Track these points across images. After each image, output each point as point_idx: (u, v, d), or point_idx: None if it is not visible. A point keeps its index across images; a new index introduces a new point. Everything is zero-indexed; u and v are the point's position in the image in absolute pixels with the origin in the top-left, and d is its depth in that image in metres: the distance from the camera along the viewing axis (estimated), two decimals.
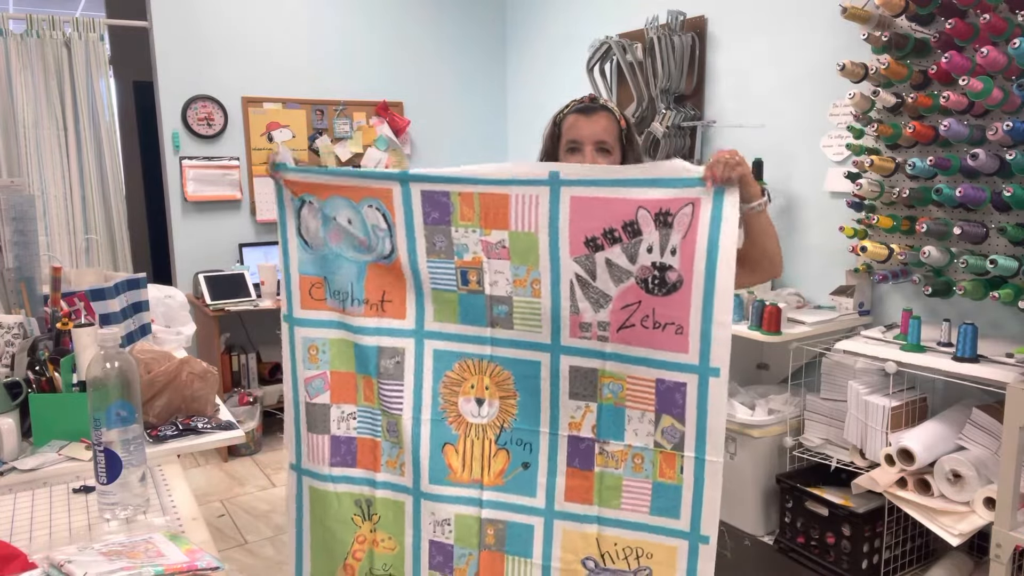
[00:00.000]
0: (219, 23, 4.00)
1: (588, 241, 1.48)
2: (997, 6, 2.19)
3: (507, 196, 1.51)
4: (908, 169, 2.41)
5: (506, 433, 1.59)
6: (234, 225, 4.16)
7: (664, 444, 1.46)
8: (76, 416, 1.57)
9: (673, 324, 1.43)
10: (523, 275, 1.53)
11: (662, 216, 1.42)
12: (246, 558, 2.86)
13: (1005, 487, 1.89)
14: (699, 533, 1.45)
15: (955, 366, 2.15)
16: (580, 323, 1.50)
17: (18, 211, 1.92)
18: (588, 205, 1.47)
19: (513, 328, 1.56)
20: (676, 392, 1.44)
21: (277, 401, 4.11)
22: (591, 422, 1.52)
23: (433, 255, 1.59)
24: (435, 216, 1.57)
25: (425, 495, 1.63)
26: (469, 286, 1.58)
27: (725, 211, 1.39)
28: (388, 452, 1.68)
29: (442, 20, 4.63)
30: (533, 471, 1.57)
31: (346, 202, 1.64)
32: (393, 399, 1.65)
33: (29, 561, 1.07)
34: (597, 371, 1.51)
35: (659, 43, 3.41)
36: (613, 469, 1.51)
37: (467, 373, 1.61)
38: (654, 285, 1.45)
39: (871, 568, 2.40)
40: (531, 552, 1.58)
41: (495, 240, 1.53)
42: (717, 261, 1.38)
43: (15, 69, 3.63)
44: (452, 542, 1.63)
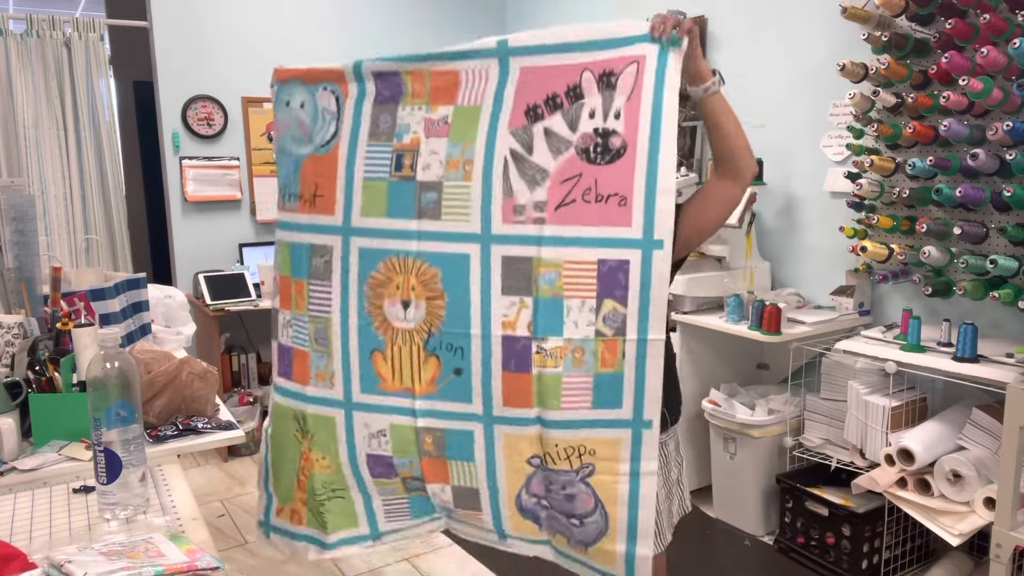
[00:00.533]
0: (219, 23, 4.00)
1: (528, 110, 1.42)
2: (997, 6, 2.19)
3: (458, 72, 1.47)
4: (908, 169, 2.41)
5: (434, 338, 1.49)
6: (234, 225, 4.16)
7: (605, 331, 1.38)
8: (76, 416, 1.57)
9: (616, 195, 1.36)
10: (457, 155, 1.46)
11: (606, 77, 1.37)
12: (246, 558, 2.86)
13: (1005, 487, 1.89)
14: (641, 419, 1.39)
15: (955, 366, 2.15)
16: (515, 206, 1.41)
17: (18, 211, 1.92)
18: (535, 74, 1.43)
19: (441, 218, 1.47)
20: (619, 272, 1.36)
21: None
22: (526, 319, 1.42)
23: (374, 138, 1.53)
24: (385, 95, 1.53)
25: (357, 405, 1.56)
26: (402, 171, 1.50)
27: (668, 71, 1.34)
28: (316, 363, 1.60)
29: (442, 21, 4.63)
30: (466, 377, 1.48)
31: (301, 85, 1.63)
32: (321, 301, 1.58)
33: (29, 561, 1.07)
34: (532, 259, 1.41)
35: None
36: (552, 368, 1.42)
37: (392, 273, 1.52)
38: (596, 153, 1.37)
39: (871, 568, 2.40)
40: (473, 457, 1.51)
41: (438, 117, 1.48)
42: (661, 123, 1.33)
43: (15, 69, 3.63)
44: (390, 453, 1.56)
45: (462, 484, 1.53)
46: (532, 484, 1.50)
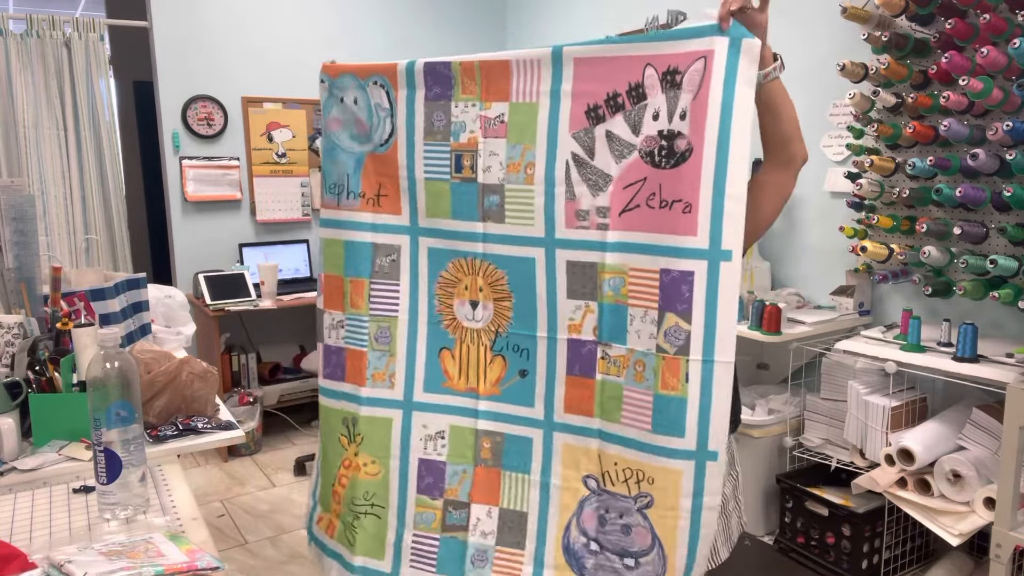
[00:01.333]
0: (219, 23, 4.00)
1: (589, 111, 1.36)
2: (997, 6, 2.19)
3: (508, 63, 1.43)
4: (908, 169, 2.41)
5: (501, 339, 1.48)
6: (234, 225, 4.16)
7: (667, 348, 1.29)
8: (76, 416, 1.57)
9: (681, 201, 1.26)
10: (518, 158, 1.43)
11: (670, 75, 1.28)
12: (246, 558, 2.86)
13: (1005, 487, 1.89)
14: (707, 450, 1.28)
15: (955, 366, 2.15)
16: (577, 211, 1.38)
17: (18, 211, 1.92)
18: (591, 66, 1.35)
19: (505, 221, 1.45)
20: (682, 283, 1.27)
21: (277, 401, 4.11)
22: (592, 324, 1.38)
23: (430, 136, 1.51)
24: (436, 91, 1.50)
25: (418, 405, 1.55)
26: (463, 173, 1.48)
27: (741, 64, 1.23)
28: (375, 363, 1.58)
29: (442, 21, 4.63)
30: (531, 379, 1.46)
31: (353, 79, 1.61)
32: (387, 301, 1.57)
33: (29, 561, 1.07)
34: (596, 265, 1.37)
35: None
36: (615, 377, 1.36)
37: (460, 273, 1.51)
38: (661, 157, 1.29)
39: (871, 568, 2.40)
40: (529, 467, 1.47)
41: (494, 115, 1.45)
42: (731, 124, 1.23)
43: (15, 69, 3.63)
44: (445, 459, 1.53)
45: (511, 507, 1.48)
46: (584, 514, 1.42)
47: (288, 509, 3.26)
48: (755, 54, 1.24)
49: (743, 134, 1.23)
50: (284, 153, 4.22)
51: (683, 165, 1.27)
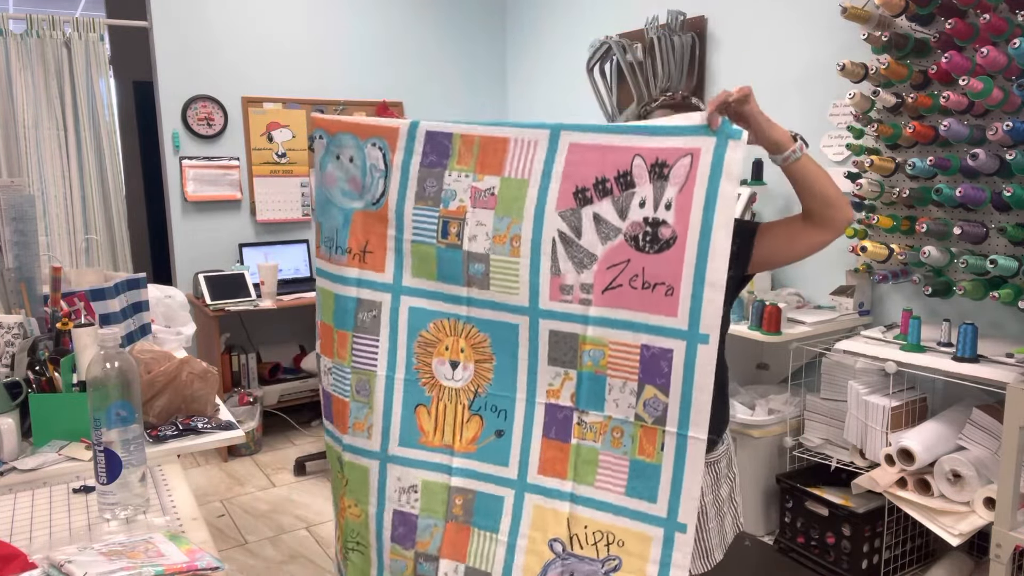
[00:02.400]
0: (219, 23, 4.00)
1: (577, 192, 1.41)
2: (997, 6, 2.19)
3: (507, 140, 1.47)
4: (908, 169, 2.41)
5: (480, 398, 1.52)
6: (234, 225, 4.16)
7: (645, 417, 1.37)
8: (76, 416, 1.57)
9: (663, 284, 1.34)
10: (504, 230, 1.46)
11: (658, 167, 1.34)
12: (246, 558, 2.86)
13: (1005, 487, 1.89)
14: (676, 520, 1.35)
15: (955, 366, 2.15)
16: (561, 285, 1.42)
17: (18, 211, 1.92)
18: (585, 152, 1.41)
19: (489, 288, 1.49)
20: (662, 359, 1.34)
21: (277, 401, 4.11)
22: (570, 390, 1.44)
23: (421, 201, 1.54)
24: (432, 159, 1.54)
25: (392, 458, 1.58)
26: (448, 239, 1.52)
27: (727, 161, 1.30)
28: (355, 414, 1.62)
29: (442, 20, 4.63)
30: (507, 439, 1.50)
31: (352, 139, 1.62)
32: (367, 355, 1.60)
33: (29, 561, 1.07)
34: (578, 336, 1.42)
35: (659, 43, 3.41)
36: (591, 441, 1.42)
37: (442, 334, 1.54)
38: (645, 242, 1.36)
39: (871, 568, 2.40)
40: (498, 527, 1.50)
41: (485, 187, 1.48)
42: (714, 217, 1.29)
43: (15, 69, 3.63)
44: (417, 512, 1.57)
45: (476, 566, 1.51)
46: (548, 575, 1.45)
47: (288, 509, 3.26)
48: (739, 153, 1.30)
49: (725, 228, 1.30)
50: (284, 153, 4.22)
51: (667, 251, 1.34)
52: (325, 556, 2.86)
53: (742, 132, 1.32)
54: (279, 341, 4.32)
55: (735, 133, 1.31)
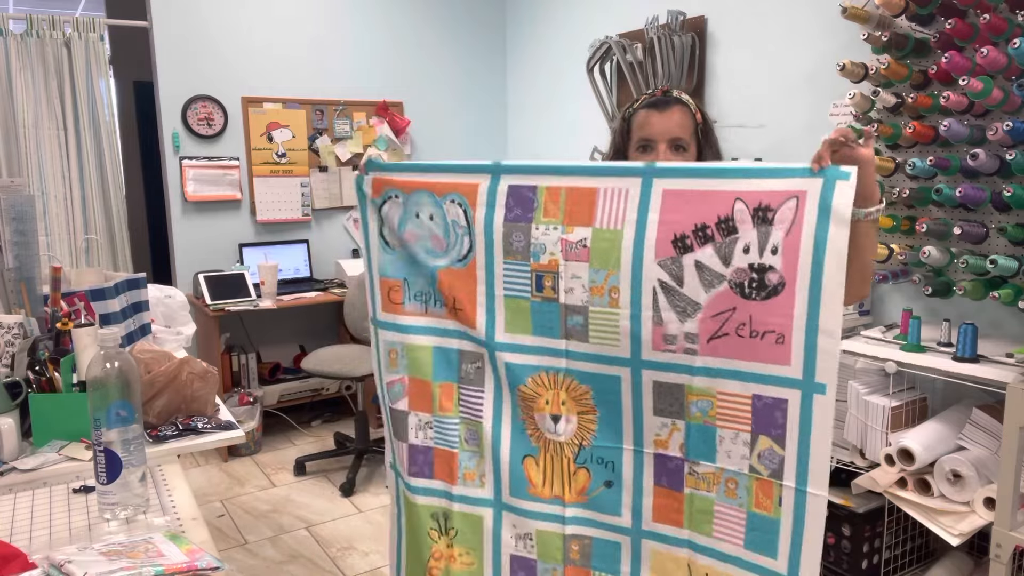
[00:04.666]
0: (219, 23, 4.00)
1: (676, 240, 1.33)
2: (997, 6, 2.19)
3: (596, 190, 1.40)
4: (908, 169, 2.41)
5: (585, 451, 1.47)
6: (234, 225, 4.16)
7: (760, 470, 1.30)
8: (76, 416, 1.57)
9: (773, 332, 1.27)
10: (601, 281, 1.40)
11: (761, 212, 1.27)
12: (246, 558, 2.86)
13: (1005, 487, 1.89)
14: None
15: (955, 366, 2.15)
16: (664, 335, 1.36)
17: (18, 211, 1.92)
18: (680, 199, 1.33)
19: (589, 341, 1.43)
20: (776, 410, 1.27)
21: (277, 401, 4.11)
22: (679, 441, 1.38)
23: (510, 256, 1.48)
24: (517, 212, 1.47)
25: (507, 507, 1.55)
26: (544, 292, 1.46)
27: (836, 203, 1.21)
28: (466, 463, 1.59)
29: (442, 20, 4.63)
30: (617, 489, 1.45)
31: (430, 196, 1.56)
32: (474, 405, 1.57)
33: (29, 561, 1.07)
34: (684, 387, 1.36)
35: (659, 43, 3.41)
36: (705, 492, 1.36)
37: (541, 388, 1.49)
38: (751, 289, 1.28)
39: (871, 568, 2.40)
40: (618, 570, 1.47)
41: (576, 239, 1.42)
42: (824, 261, 1.22)
43: (15, 69, 3.63)
44: (535, 557, 1.54)
45: None
46: None
47: (288, 509, 3.26)
48: (849, 195, 1.22)
49: (838, 273, 1.22)
50: (284, 153, 4.22)
51: (775, 298, 1.27)
52: (325, 556, 2.86)
53: (850, 173, 1.22)
54: (279, 341, 4.32)
55: (843, 175, 1.23)
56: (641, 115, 1.59)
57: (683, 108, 1.58)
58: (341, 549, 2.91)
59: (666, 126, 1.56)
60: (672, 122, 1.56)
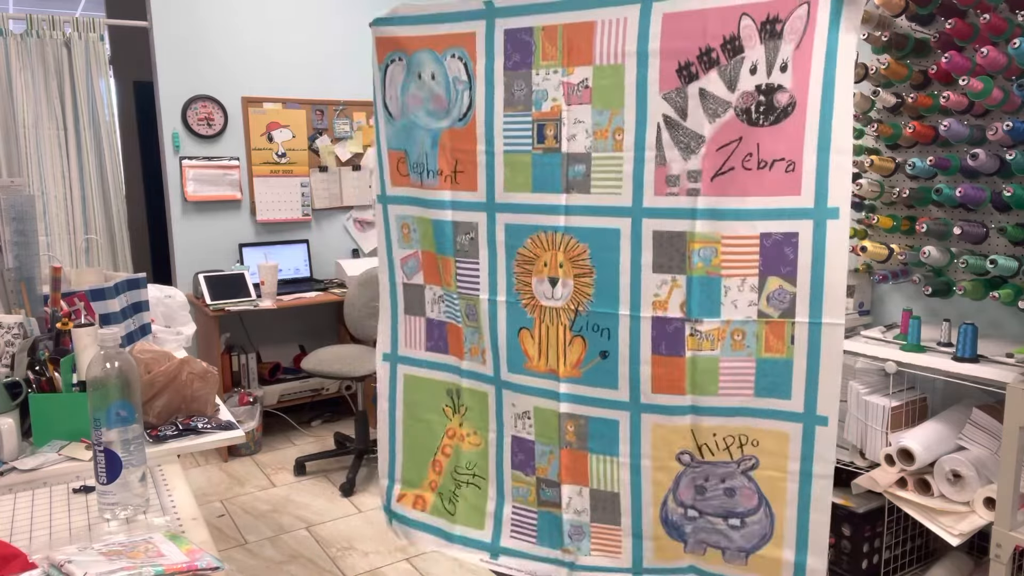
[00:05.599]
0: (219, 23, 4.00)
1: (681, 69, 1.26)
2: (997, 6, 2.19)
3: (593, 24, 1.34)
4: (908, 169, 2.41)
5: (581, 317, 1.42)
6: (234, 225, 4.17)
7: (770, 312, 1.24)
8: (76, 416, 1.57)
9: (783, 160, 1.21)
10: (604, 123, 1.35)
11: (770, 24, 1.19)
12: (246, 558, 2.86)
13: (1005, 487, 1.89)
14: (815, 413, 1.24)
15: (955, 366, 2.15)
16: (667, 176, 1.30)
17: (18, 211, 1.92)
18: (682, 22, 1.26)
19: (590, 192, 1.38)
20: (786, 245, 1.22)
21: (277, 401, 4.11)
22: (679, 299, 1.32)
23: (511, 108, 1.45)
24: (516, 59, 1.43)
25: (505, 384, 1.53)
26: (545, 143, 1.42)
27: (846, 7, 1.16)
28: (470, 339, 1.57)
29: None
30: (613, 361, 1.40)
31: (430, 55, 1.55)
32: (470, 279, 1.55)
33: (29, 561, 1.07)
34: (685, 235, 1.29)
35: None
36: (708, 351, 1.31)
37: (540, 249, 1.45)
38: (759, 114, 1.22)
39: (871, 568, 2.40)
40: (617, 450, 1.42)
41: (577, 80, 1.37)
42: (836, 74, 1.17)
43: (15, 69, 3.63)
44: (533, 438, 1.51)
45: (602, 488, 1.45)
46: (681, 487, 1.38)
47: (288, 509, 3.26)
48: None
49: (848, 84, 1.18)
50: (284, 153, 4.22)
51: (785, 121, 1.21)
52: (325, 556, 2.86)
53: None
54: (279, 341, 4.32)
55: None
56: None
57: None
58: (341, 549, 2.92)
59: None
60: None
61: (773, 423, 1.27)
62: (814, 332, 1.22)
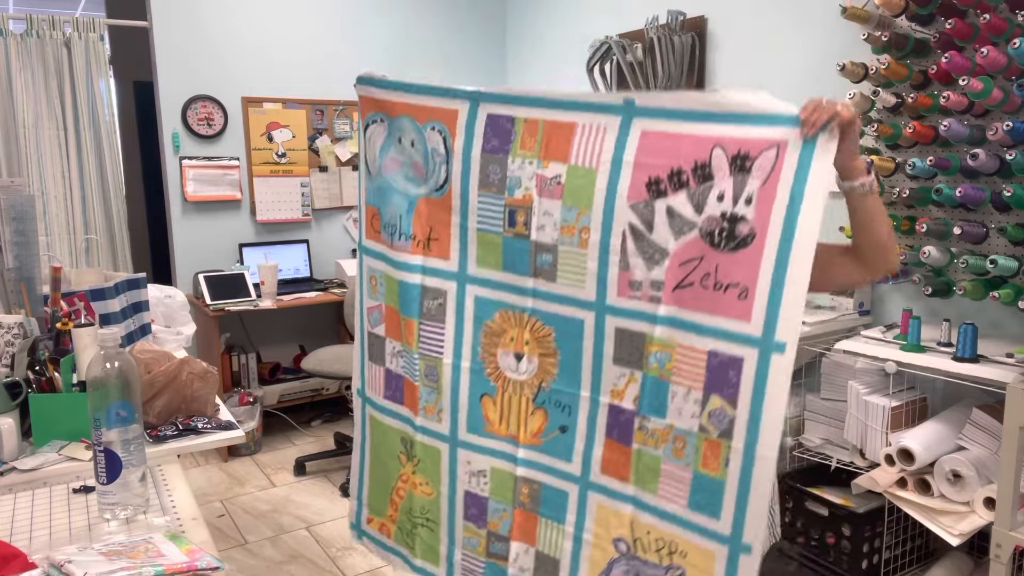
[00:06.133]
0: (219, 23, 4.00)
1: (651, 183, 1.30)
2: (997, 6, 2.19)
3: (574, 126, 1.38)
4: (908, 169, 2.41)
5: (544, 393, 1.47)
6: (234, 225, 4.16)
7: (710, 430, 1.27)
8: (76, 416, 1.57)
9: (737, 286, 1.23)
10: (572, 220, 1.38)
11: (740, 159, 1.23)
12: (246, 558, 2.86)
13: (1005, 487, 1.89)
14: (740, 540, 1.25)
15: (955, 366, 2.15)
16: (630, 281, 1.34)
17: (18, 211, 1.92)
18: (659, 141, 1.30)
19: (556, 281, 1.42)
20: (730, 368, 1.23)
21: (277, 401, 4.11)
22: (633, 393, 1.36)
23: (485, 188, 1.49)
24: (494, 144, 1.46)
25: (462, 443, 1.57)
26: (516, 228, 1.46)
27: (816, 160, 1.17)
28: (426, 397, 1.61)
29: (442, 20, 4.63)
30: (571, 435, 1.45)
31: (411, 123, 1.59)
32: (434, 342, 1.59)
33: (29, 561, 1.07)
34: (645, 336, 1.33)
35: (659, 43, 3.41)
36: (652, 448, 1.34)
37: (507, 324, 1.50)
38: (721, 238, 1.25)
39: (871, 568, 2.40)
40: (564, 519, 1.47)
41: (551, 175, 1.40)
42: (798, 215, 1.17)
43: (15, 69, 3.63)
44: (487, 495, 1.56)
45: (546, 551, 1.50)
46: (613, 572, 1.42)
47: (288, 509, 3.26)
48: (831, 149, 1.19)
49: (812, 226, 1.17)
50: (284, 153, 4.22)
51: (743, 250, 1.23)
52: (325, 556, 2.86)
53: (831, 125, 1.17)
54: (279, 341, 4.32)
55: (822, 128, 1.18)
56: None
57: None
58: (341, 549, 2.91)
59: None
60: None
61: (701, 539, 1.30)
62: (747, 460, 1.23)
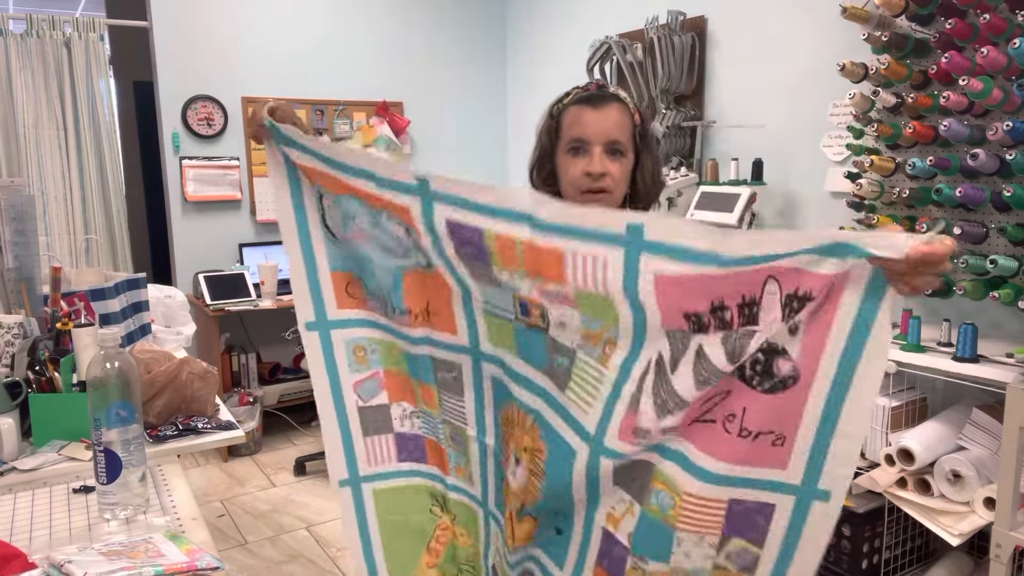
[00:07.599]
0: (219, 23, 4.00)
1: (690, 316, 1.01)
2: (997, 6, 2.19)
3: (560, 255, 1.06)
4: (908, 169, 2.41)
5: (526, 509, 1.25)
6: (234, 225, 4.16)
7: (728, 566, 1.06)
8: (76, 416, 1.57)
9: (771, 433, 0.99)
10: (597, 329, 1.09)
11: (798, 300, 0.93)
12: (246, 558, 2.86)
13: (1005, 487, 1.89)
14: None
15: (955, 366, 2.15)
16: (635, 428, 1.07)
17: (18, 211, 1.92)
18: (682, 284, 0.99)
19: (564, 392, 1.14)
20: (758, 514, 1.02)
21: (277, 401, 4.11)
22: (628, 528, 1.13)
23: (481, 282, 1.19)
24: (470, 251, 1.16)
25: (492, 515, 1.38)
26: (530, 319, 1.15)
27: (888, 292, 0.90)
28: (455, 460, 1.39)
29: (442, 20, 4.63)
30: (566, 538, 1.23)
31: (361, 206, 1.25)
32: (457, 411, 1.35)
33: (29, 561, 1.07)
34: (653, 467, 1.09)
35: (659, 43, 3.41)
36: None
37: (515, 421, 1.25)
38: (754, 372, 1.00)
39: (871, 568, 2.40)
40: None
41: (554, 290, 1.10)
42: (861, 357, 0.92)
43: (15, 69, 3.63)
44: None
45: None
46: None
47: (288, 509, 3.26)
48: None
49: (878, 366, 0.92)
50: None
51: (780, 393, 0.98)
52: (325, 556, 2.86)
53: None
54: (279, 341, 4.32)
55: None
56: (573, 112, 1.36)
57: (621, 106, 1.36)
58: (341, 549, 2.91)
59: (603, 126, 1.33)
60: (609, 121, 1.33)
61: None
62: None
